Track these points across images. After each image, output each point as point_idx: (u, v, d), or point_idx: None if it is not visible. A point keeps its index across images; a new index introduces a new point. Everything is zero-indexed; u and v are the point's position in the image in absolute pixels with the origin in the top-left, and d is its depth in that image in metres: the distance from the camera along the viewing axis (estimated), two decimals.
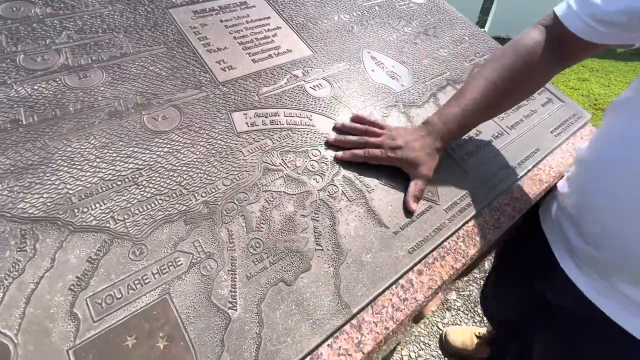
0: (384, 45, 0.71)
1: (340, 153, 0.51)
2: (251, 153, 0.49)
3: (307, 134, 0.54)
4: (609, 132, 0.47)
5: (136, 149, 0.46)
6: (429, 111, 0.62)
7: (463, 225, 0.51)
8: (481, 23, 3.94)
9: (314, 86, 0.60)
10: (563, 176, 0.60)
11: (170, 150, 0.47)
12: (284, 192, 0.47)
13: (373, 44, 0.71)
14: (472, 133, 0.61)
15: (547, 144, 0.64)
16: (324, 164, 0.51)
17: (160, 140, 0.47)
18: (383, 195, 0.50)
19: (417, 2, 0.84)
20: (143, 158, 0.45)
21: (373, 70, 0.65)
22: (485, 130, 0.62)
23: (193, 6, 0.66)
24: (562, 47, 0.47)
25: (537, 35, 0.48)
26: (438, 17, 0.82)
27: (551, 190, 0.61)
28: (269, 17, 0.69)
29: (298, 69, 0.62)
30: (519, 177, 0.58)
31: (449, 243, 0.48)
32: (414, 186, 0.49)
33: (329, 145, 0.53)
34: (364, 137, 0.52)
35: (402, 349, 1.18)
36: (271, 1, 0.73)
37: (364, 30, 0.73)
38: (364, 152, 0.50)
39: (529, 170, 0.59)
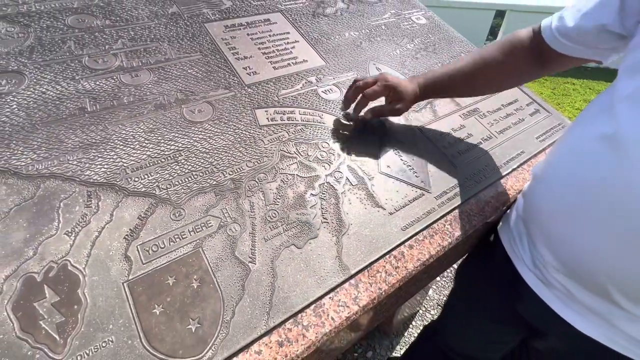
0: (388, 59, 0.81)
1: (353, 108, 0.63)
2: (271, 142, 0.58)
3: (318, 129, 0.62)
4: (558, 146, 0.51)
5: (176, 135, 0.55)
6: (426, 116, 0.71)
7: (451, 211, 0.58)
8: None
9: (325, 91, 0.69)
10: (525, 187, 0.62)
11: (204, 137, 0.56)
12: (297, 175, 0.55)
13: (379, 58, 0.80)
14: (463, 134, 0.69)
15: (532, 148, 0.71)
16: (332, 154, 0.59)
17: (196, 129, 0.57)
18: (382, 182, 0.58)
19: (420, 23, 0.95)
20: (182, 142, 0.55)
21: None
22: (475, 134, 0.70)
23: (225, 21, 0.78)
24: (540, 54, 0.55)
25: (525, 37, 0.56)
26: (438, 36, 0.92)
27: (510, 205, 0.64)
28: (288, 32, 0.80)
29: (312, 76, 0.72)
30: (504, 174, 0.65)
31: (437, 225, 0.56)
32: (386, 105, 0.62)
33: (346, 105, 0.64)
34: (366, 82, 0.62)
35: None
36: (291, 19, 0.84)
37: (371, 45, 0.83)
38: (369, 91, 0.60)
39: (513, 170, 0.67)
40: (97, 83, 0.59)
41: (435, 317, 1.33)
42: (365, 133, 0.64)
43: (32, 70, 0.58)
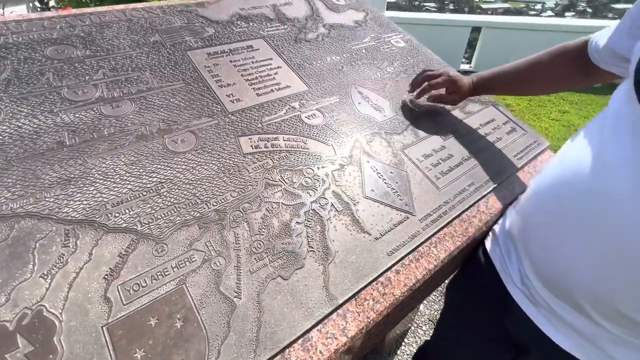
0: (369, 82, 0.83)
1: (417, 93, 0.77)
2: (255, 171, 0.58)
3: (302, 156, 0.63)
4: (552, 162, 0.54)
5: (159, 166, 0.55)
6: (408, 138, 0.72)
7: (436, 233, 0.59)
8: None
9: (308, 116, 0.71)
10: (515, 199, 0.65)
11: (187, 168, 0.56)
12: (282, 203, 0.55)
13: (360, 81, 0.82)
14: (444, 155, 0.71)
15: (511, 166, 0.74)
16: (316, 180, 0.60)
17: (179, 159, 0.57)
18: (367, 207, 0.58)
19: (399, 46, 0.98)
20: (164, 173, 0.54)
21: (359, 103, 0.77)
22: (456, 154, 0.72)
23: (207, 49, 0.78)
24: (586, 64, 0.58)
25: (575, 47, 0.60)
26: (417, 59, 0.96)
27: (497, 221, 0.65)
28: (271, 58, 0.81)
29: (295, 102, 0.73)
30: (485, 193, 0.67)
31: (423, 248, 0.57)
32: (445, 95, 0.76)
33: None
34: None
35: None
36: (273, 45, 0.85)
37: (352, 69, 0.85)
38: (434, 82, 0.73)
39: (494, 188, 0.69)
40: (77, 115, 0.58)
41: (427, 332, 1.33)
42: (351, 156, 0.65)
43: (8, 103, 0.57)
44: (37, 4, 3.37)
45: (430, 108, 0.81)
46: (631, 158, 0.38)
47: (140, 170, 0.54)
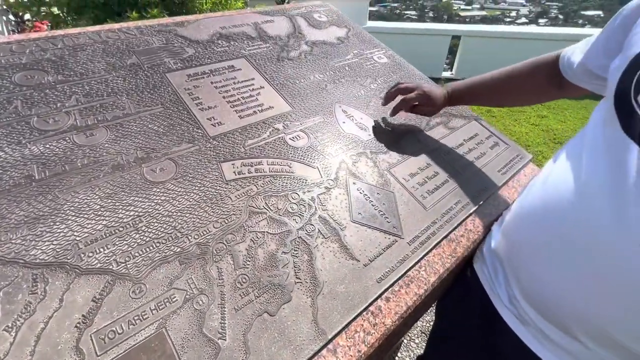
0: (353, 100, 0.83)
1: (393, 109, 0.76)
2: (238, 198, 0.56)
3: (288, 180, 0.62)
4: (535, 182, 0.54)
5: (136, 198, 0.52)
6: (394, 157, 0.72)
7: (425, 255, 0.58)
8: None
9: (293, 138, 0.69)
10: (500, 215, 0.65)
11: (167, 198, 0.53)
12: (267, 232, 0.54)
13: (344, 100, 0.82)
14: (430, 173, 0.71)
15: (496, 181, 0.74)
16: (302, 205, 0.59)
17: (158, 190, 0.54)
18: (354, 232, 0.57)
19: (381, 62, 0.99)
20: (142, 206, 0.52)
21: (344, 122, 0.76)
22: (441, 172, 0.72)
23: (187, 70, 0.77)
24: (558, 78, 0.60)
25: (549, 61, 0.62)
26: (400, 74, 0.96)
27: (483, 239, 0.65)
28: (253, 78, 0.80)
29: (279, 123, 0.72)
30: (471, 211, 0.67)
31: (412, 272, 0.56)
32: (419, 108, 0.74)
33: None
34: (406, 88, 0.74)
35: None
36: (255, 64, 0.84)
37: (336, 87, 0.85)
38: (407, 97, 0.72)
39: (480, 205, 0.69)
40: (47, 146, 0.55)
41: (420, 345, 1.32)
42: (337, 178, 0.64)
43: None
44: (11, 17, 3.27)
45: (408, 127, 0.80)
46: (609, 186, 0.38)
47: (117, 204, 0.51)
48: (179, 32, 0.86)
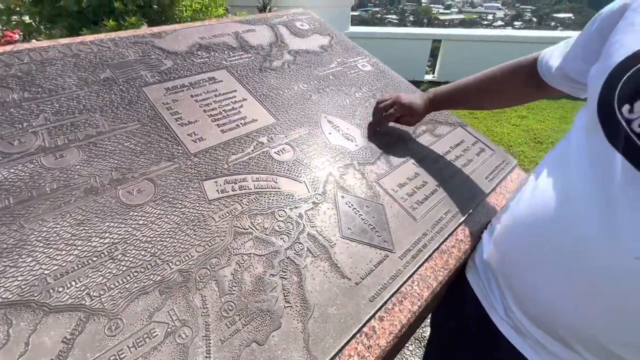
0: (339, 110, 0.81)
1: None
2: (222, 219, 0.54)
3: (273, 196, 0.59)
4: (524, 191, 0.53)
5: (112, 224, 0.49)
6: (382, 168, 0.71)
7: (417, 269, 0.57)
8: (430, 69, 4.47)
9: (278, 151, 0.67)
10: (487, 227, 0.64)
11: (145, 222, 0.50)
12: (253, 253, 0.51)
13: (329, 110, 0.81)
14: (418, 183, 0.70)
15: (484, 188, 0.74)
16: (290, 223, 0.56)
17: (135, 214, 0.51)
18: (345, 248, 0.55)
19: (365, 70, 0.98)
20: (118, 232, 0.48)
21: (330, 133, 0.75)
22: (429, 181, 0.71)
23: (165, 83, 0.73)
24: (536, 80, 0.60)
25: (527, 63, 0.62)
26: (384, 82, 0.96)
27: (474, 248, 0.64)
28: (235, 90, 0.78)
29: (263, 136, 0.69)
30: (462, 220, 0.67)
31: (405, 288, 0.54)
32: (401, 118, 0.75)
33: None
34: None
35: None
36: (237, 75, 0.82)
37: (320, 97, 0.83)
38: (387, 114, 0.74)
39: (470, 214, 0.68)
40: (11, 171, 0.51)
41: (414, 352, 1.31)
42: (325, 192, 0.62)
43: None
44: None
45: (395, 137, 0.79)
46: (596, 196, 0.38)
47: (90, 232, 0.47)
48: (156, 43, 0.82)
